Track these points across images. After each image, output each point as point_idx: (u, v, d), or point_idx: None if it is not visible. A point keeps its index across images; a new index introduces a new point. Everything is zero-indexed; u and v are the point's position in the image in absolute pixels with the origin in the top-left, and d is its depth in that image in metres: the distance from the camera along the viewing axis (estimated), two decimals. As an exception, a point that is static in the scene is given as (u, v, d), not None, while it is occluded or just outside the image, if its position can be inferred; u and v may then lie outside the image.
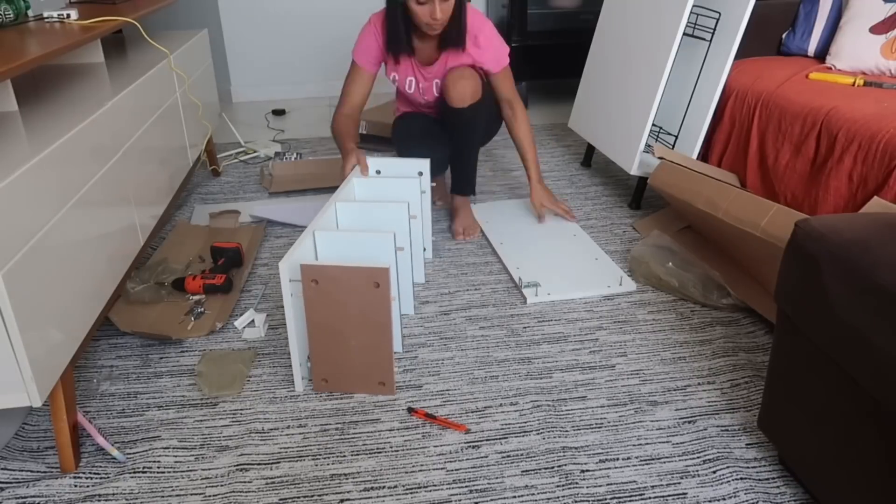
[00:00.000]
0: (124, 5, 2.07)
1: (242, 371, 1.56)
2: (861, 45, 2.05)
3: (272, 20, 3.72)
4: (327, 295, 1.39)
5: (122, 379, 1.56)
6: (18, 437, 1.39)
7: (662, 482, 1.24)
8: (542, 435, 1.35)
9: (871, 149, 1.61)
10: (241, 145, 3.04)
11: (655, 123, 2.33)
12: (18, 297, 1.09)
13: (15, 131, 1.33)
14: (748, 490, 1.21)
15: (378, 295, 1.37)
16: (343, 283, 1.37)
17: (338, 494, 1.23)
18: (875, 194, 1.58)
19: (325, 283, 1.38)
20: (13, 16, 1.72)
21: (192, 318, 1.74)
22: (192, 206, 2.45)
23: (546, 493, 1.22)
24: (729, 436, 1.34)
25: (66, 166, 1.30)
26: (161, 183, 1.91)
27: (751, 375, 1.51)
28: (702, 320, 1.72)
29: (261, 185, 2.63)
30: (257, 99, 3.86)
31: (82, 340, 1.33)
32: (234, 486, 1.25)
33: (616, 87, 2.41)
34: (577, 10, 3.35)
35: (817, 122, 1.78)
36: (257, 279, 1.96)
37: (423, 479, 1.26)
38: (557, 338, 1.66)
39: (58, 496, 1.23)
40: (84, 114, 1.45)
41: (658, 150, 2.08)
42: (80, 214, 1.34)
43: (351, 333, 1.42)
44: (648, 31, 2.22)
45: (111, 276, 1.50)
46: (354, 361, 1.45)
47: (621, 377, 1.52)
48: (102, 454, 1.33)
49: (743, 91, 2.08)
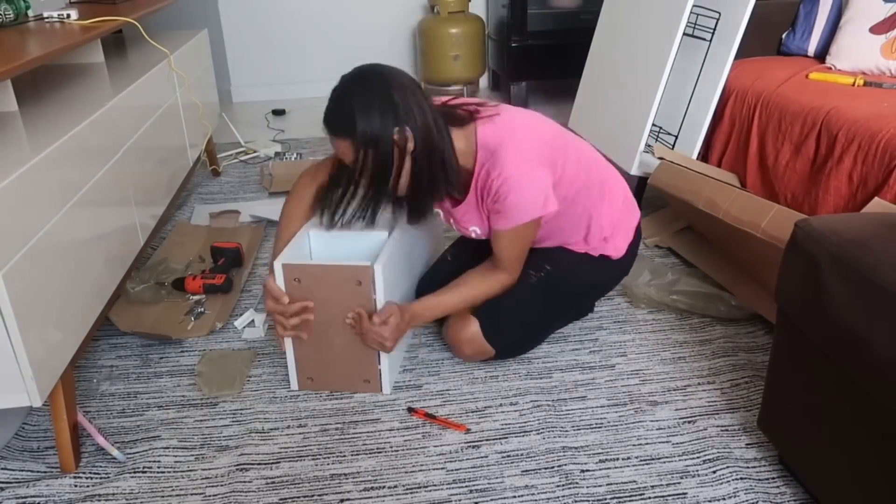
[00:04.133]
0: (124, 5, 2.07)
1: (242, 371, 1.56)
2: (861, 45, 2.05)
3: (272, 20, 3.72)
4: (310, 293, 1.39)
5: (122, 379, 1.56)
6: (18, 437, 1.39)
7: (662, 482, 1.24)
8: (542, 435, 1.35)
9: (871, 149, 1.61)
10: (241, 145, 3.04)
11: (655, 123, 2.33)
12: (18, 297, 1.09)
13: (15, 131, 1.33)
14: (748, 490, 1.21)
15: (360, 293, 1.37)
16: (325, 281, 1.38)
17: (338, 494, 1.23)
18: (875, 194, 1.58)
19: (307, 282, 1.38)
20: (13, 16, 1.72)
21: (192, 318, 1.74)
22: (192, 206, 2.45)
23: (546, 493, 1.22)
24: (729, 436, 1.34)
25: (66, 166, 1.30)
26: (161, 183, 1.91)
27: (751, 375, 1.51)
28: (701, 320, 1.72)
29: (261, 185, 2.63)
30: (257, 99, 3.86)
31: (82, 340, 1.33)
32: (234, 486, 1.25)
33: (616, 87, 2.41)
34: (577, 10, 3.35)
35: (817, 122, 1.78)
36: (257, 279, 1.96)
37: (423, 478, 1.26)
38: (557, 338, 1.66)
39: (58, 496, 1.23)
40: (84, 114, 1.45)
41: (658, 150, 2.08)
42: (80, 214, 1.34)
43: (335, 331, 1.42)
44: (648, 31, 2.22)
45: (111, 276, 1.50)
46: (339, 359, 1.45)
47: (621, 377, 1.52)
48: (102, 454, 1.33)
49: (743, 91, 2.08)
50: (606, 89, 2.48)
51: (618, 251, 1.59)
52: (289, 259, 1.40)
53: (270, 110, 3.62)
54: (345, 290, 1.38)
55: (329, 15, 3.73)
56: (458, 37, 3.45)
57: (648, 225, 2.18)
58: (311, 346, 1.44)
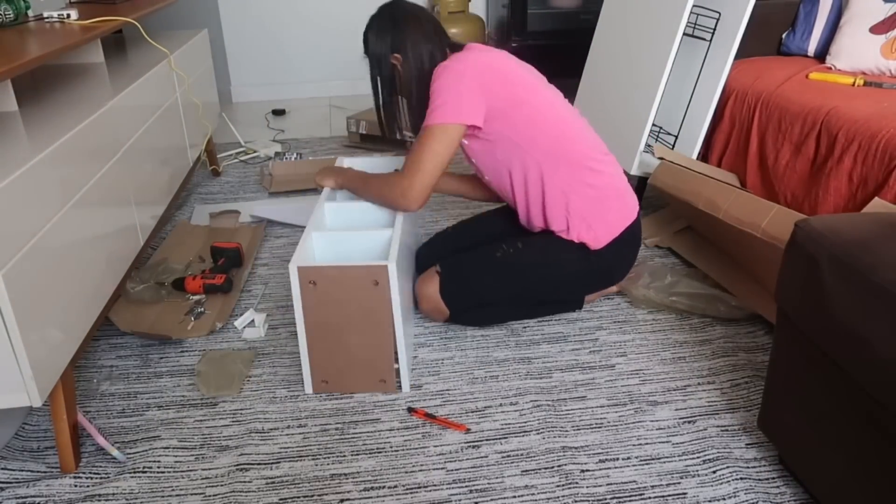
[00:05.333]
0: (124, 5, 2.07)
1: (242, 371, 1.56)
2: (861, 45, 2.05)
3: (272, 20, 3.72)
4: (326, 296, 1.39)
5: (122, 379, 1.56)
6: (18, 437, 1.39)
7: (662, 482, 1.24)
8: (542, 435, 1.35)
9: (871, 149, 1.61)
10: (241, 145, 3.03)
11: (655, 123, 2.33)
12: (18, 297, 1.09)
13: (15, 131, 1.33)
14: (748, 490, 1.21)
15: (378, 293, 1.37)
16: (342, 283, 1.37)
17: (338, 494, 1.23)
18: (875, 194, 1.58)
19: (323, 284, 1.38)
20: (13, 16, 1.72)
21: (192, 318, 1.74)
22: (192, 206, 2.45)
23: (546, 493, 1.22)
24: (729, 436, 1.34)
25: (66, 166, 1.30)
26: (161, 183, 1.91)
27: (751, 375, 1.51)
28: (701, 320, 1.72)
29: (261, 185, 2.63)
30: (257, 99, 3.86)
31: (82, 340, 1.33)
32: (234, 486, 1.25)
33: (616, 87, 2.41)
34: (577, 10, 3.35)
35: (817, 122, 1.78)
36: (257, 279, 1.96)
37: (423, 478, 1.26)
38: (557, 338, 1.66)
39: (58, 496, 1.23)
40: (84, 114, 1.45)
41: (658, 151, 2.08)
42: (80, 214, 1.34)
43: (350, 333, 1.42)
44: (648, 31, 2.22)
45: (111, 276, 1.50)
46: (354, 361, 1.45)
47: (621, 377, 1.52)
48: (102, 454, 1.33)
49: (743, 91, 2.08)
50: (606, 89, 2.48)
51: (597, 242, 1.56)
52: (303, 262, 1.40)
53: (270, 110, 3.62)
54: (362, 291, 1.38)
55: (329, 15, 3.73)
56: (458, 37, 3.45)
57: (648, 225, 2.18)
58: (327, 348, 1.44)
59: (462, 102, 1.46)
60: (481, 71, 1.49)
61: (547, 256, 1.59)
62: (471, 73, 1.48)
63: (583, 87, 2.69)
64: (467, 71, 1.48)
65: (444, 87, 1.47)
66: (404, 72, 1.57)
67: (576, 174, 1.54)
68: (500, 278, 1.60)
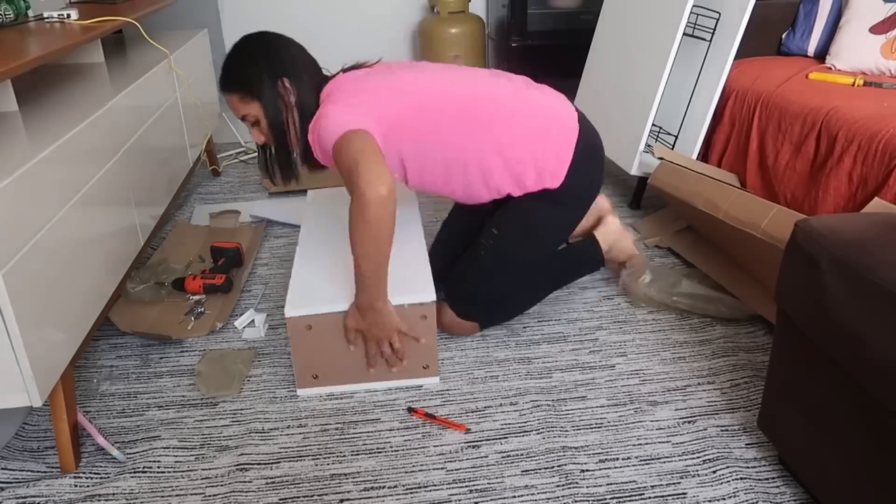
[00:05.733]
0: (124, 5, 2.07)
1: (242, 371, 1.56)
2: (861, 45, 2.05)
3: (272, 21, 3.72)
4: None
5: (122, 379, 1.56)
6: (18, 437, 1.39)
7: (662, 482, 1.24)
8: (542, 435, 1.35)
9: (871, 149, 1.61)
10: (241, 145, 3.04)
11: (655, 123, 2.33)
12: (18, 297, 1.09)
13: (15, 131, 1.33)
14: (748, 490, 1.21)
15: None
16: None
17: (338, 494, 1.23)
18: (875, 194, 1.58)
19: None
20: (13, 16, 1.72)
21: (192, 318, 1.74)
22: (192, 206, 2.45)
23: (546, 493, 1.22)
24: (729, 436, 1.34)
25: (66, 166, 1.30)
26: (161, 183, 1.91)
27: (751, 375, 1.51)
28: (701, 320, 1.72)
29: (261, 185, 2.63)
30: (257, 99, 3.86)
31: (82, 340, 1.33)
32: (234, 486, 1.25)
33: (616, 88, 2.41)
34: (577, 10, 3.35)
35: (817, 122, 1.78)
36: (257, 279, 1.96)
37: (423, 478, 1.26)
38: (557, 338, 1.66)
39: (58, 496, 1.23)
40: (84, 114, 1.45)
41: (658, 151, 2.08)
42: (80, 214, 1.34)
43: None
44: (648, 31, 2.22)
45: (111, 276, 1.50)
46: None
47: (621, 377, 1.52)
48: (102, 454, 1.33)
49: (743, 91, 2.08)
50: (606, 89, 2.48)
51: (555, 178, 1.50)
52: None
53: (270, 110, 3.62)
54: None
55: (329, 15, 3.73)
56: (458, 37, 3.44)
57: (648, 225, 2.18)
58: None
59: (352, 121, 1.37)
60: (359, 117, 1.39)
61: (525, 226, 1.55)
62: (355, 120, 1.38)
63: (583, 88, 2.69)
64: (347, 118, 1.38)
65: (332, 125, 1.37)
66: (291, 97, 1.48)
67: (494, 132, 1.46)
68: (497, 272, 1.59)
